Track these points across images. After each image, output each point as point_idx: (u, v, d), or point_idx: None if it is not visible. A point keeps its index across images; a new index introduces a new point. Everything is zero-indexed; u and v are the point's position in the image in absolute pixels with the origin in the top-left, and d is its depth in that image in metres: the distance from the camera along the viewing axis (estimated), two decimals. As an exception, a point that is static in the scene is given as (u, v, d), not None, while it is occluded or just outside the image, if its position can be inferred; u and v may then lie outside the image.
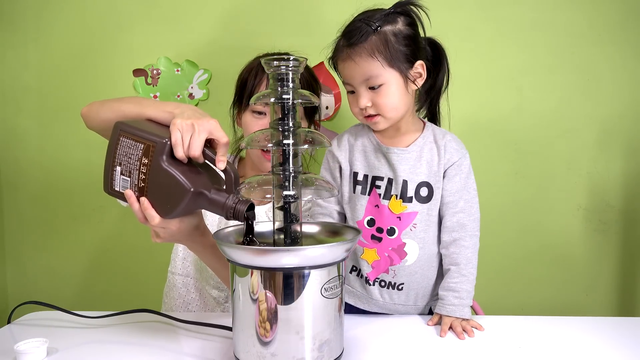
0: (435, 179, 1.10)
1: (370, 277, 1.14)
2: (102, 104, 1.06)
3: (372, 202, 1.12)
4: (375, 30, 1.03)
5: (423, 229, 1.10)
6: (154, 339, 1.00)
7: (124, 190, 0.92)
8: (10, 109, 1.72)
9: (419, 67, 1.08)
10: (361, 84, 1.06)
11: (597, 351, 0.93)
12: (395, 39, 1.04)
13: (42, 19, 1.67)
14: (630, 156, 1.58)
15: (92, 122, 1.07)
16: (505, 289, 1.63)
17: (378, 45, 1.03)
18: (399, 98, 1.06)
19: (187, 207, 0.90)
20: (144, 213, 0.91)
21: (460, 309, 1.05)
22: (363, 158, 1.14)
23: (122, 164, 0.93)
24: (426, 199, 1.10)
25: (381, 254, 1.11)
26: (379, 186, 1.12)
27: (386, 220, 1.11)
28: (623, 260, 1.61)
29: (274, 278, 0.79)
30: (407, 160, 1.10)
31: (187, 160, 0.90)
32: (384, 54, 1.03)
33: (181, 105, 0.97)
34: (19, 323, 1.10)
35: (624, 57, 1.55)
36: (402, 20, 1.06)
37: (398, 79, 1.06)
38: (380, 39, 1.04)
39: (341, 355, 0.86)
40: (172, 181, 0.88)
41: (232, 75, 1.33)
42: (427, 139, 1.12)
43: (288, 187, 0.83)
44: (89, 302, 1.76)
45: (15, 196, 1.75)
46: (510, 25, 1.56)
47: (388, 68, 1.04)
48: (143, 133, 0.91)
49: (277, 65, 0.82)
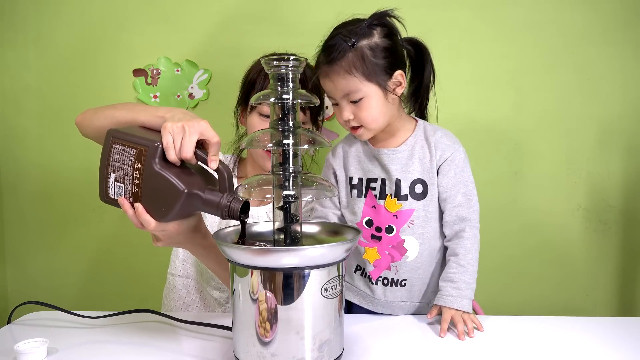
0: (429, 176, 1.12)
1: (373, 275, 1.15)
2: (95, 111, 1.06)
3: (368, 203, 1.14)
4: (351, 47, 1.05)
5: (421, 225, 1.12)
6: (154, 339, 1.00)
7: (118, 198, 0.93)
8: (10, 109, 1.72)
9: (398, 77, 1.09)
10: (342, 98, 1.09)
11: (597, 351, 0.93)
12: (372, 53, 1.06)
13: (42, 19, 1.67)
14: (630, 156, 1.58)
15: (86, 130, 1.07)
16: (505, 289, 1.63)
17: (355, 61, 1.05)
18: (379, 110, 1.08)
19: (182, 208, 0.90)
20: (139, 219, 0.91)
21: (458, 300, 1.04)
22: (357, 163, 1.17)
23: (116, 171, 0.93)
24: (421, 195, 1.11)
25: (382, 252, 1.13)
26: (373, 187, 1.14)
27: (383, 219, 1.12)
28: (623, 260, 1.61)
29: (274, 278, 0.79)
30: (399, 159, 1.12)
31: (179, 162, 0.90)
32: (361, 70, 1.05)
33: (173, 109, 0.97)
34: (19, 323, 1.10)
35: (623, 57, 1.55)
36: (378, 33, 1.07)
37: (377, 91, 1.07)
38: (356, 55, 1.05)
39: (341, 355, 0.86)
40: (166, 184, 0.88)
41: (232, 75, 1.34)
42: (419, 137, 1.14)
43: (288, 187, 0.84)
44: (89, 302, 1.76)
45: (15, 196, 1.75)
46: (510, 25, 1.56)
47: (366, 82, 1.06)
48: (135, 138, 0.92)
49: (277, 65, 0.82)
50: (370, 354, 0.93)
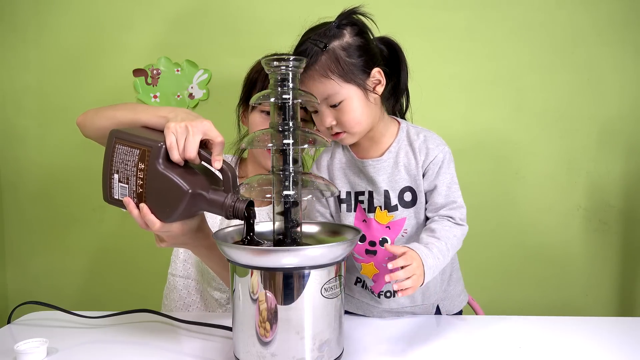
0: (416, 183, 1.07)
1: (375, 289, 1.12)
2: (96, 112, 1.06)
3: (359, 217, 1.10)
4: (323, 49, 1.00)
5: (415, 232, 1.08)
6: (154, 339, 1.00)
7: (122, 198, 0.92)
8: (10, 109, 1.72)
9: (377, 74, 1.04)
10: (321, 103, 1.03)
11: (597, 351, 0.93)
12: (346, 53, 1.01)
13: (42, 19, 1.67)
14: (630, 156, 1.58)
15: (87, 131, 1.07)
16: (505, 289, 1.63)
17: (329, 64, 1.00)
18: (362, 111, 1.03)
19: (187, 209, 0.90)
20: (143, 219, 0.91)
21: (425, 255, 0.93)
22: (343, 176, 1.12)
23: (119, 172, 0.93)
24: (411, 203, 1.08)
25: (379, 266, 1.09)
26: (362, 201, 1.10)
27: (376, 232, 1.09)
28: (623, 260, 1.61)
29: (274, 278, 0.79)
30: (384, 169, 1.08)
31: (183, 162, 0.90)
32: (337, 72, 1.00)
33: (175, 109, 0.97)
34: (19, 323, 1.10)
35: (623, 57, 1.55)
36: (349, 32, 1.03)
37: (357, 92, 1.02)
38: (330, 57, 1.00)
39: (341, 355, 0.86)
40: (170, 184, 0.88)
41: (232, 75, 1.34)
42: (402, 143, 1.09)
43: (288, 187, 0.84)
44: (89, 302, 1.76)
45: (15, 196, 1.75)
46: (510, 25, 1.56)
47: (344, 84, 1.01)
48: (138, 139, 0.91)
49: (277, 65, 0.82)
50: (371, 354, 0.93)
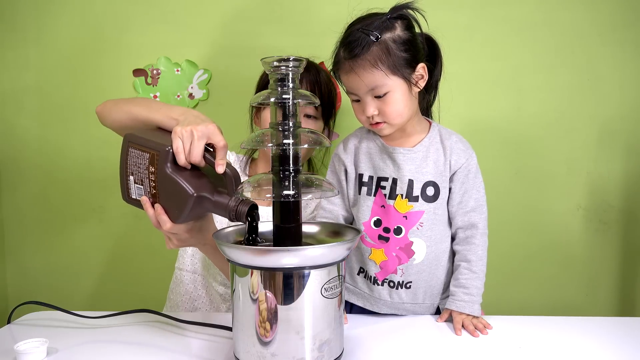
0: (441, 179, 1.11)
1: (379, 277, 1.14)
2: (114, 104, 1.12)
3: (378, 202, 1.13)
4: (375, 40, 1.03)
5: (430, 227, 1.11)
6: (154, 339, 1.00)
7: (140, 197, 0.98)
8: (10, 109, 1.72)
9: (421, 70, 1.08)
10: (366, 93, 1.07)
11: (597, 351, 0.93)
12: (396, 46, 1.04)
13: (42, 19, 1.67)
14: (630, 156, 1.58)
15: (105, 121, 1.14)
16: (505, 289, 1.63)
17: (380, 55, 1.03)
18: (404, 104, 1.07)
19: (193, 211, 0.93)
20: (157, 218, 0.96)
21: (470, 305, 1.06)
22: (368, 160, 1.15)
23: (134, 173, 0.98)
24: (432, 198, 1.11)
25: (389, 254, 1.12)
26: (384, 187, 1.12)
27: (393, 220, 1.11)
28: (623, 260, 1.61)
29: (274, 278, 0.79)
30: (413, 160, 1.11)
31: (190, 166, 0.93)
32: (386, 63, 1.03)
33: (187, 111, 1.01)
34: (19, 323, 1.10)
35: (624, 57, 1.55)
36: (400, 25, 1.06)
37: (402, 85, 1.06)
38: (381, 48, 1.04)
39: (341, 355, 0.86)
40: (177, 187, 0.92)
41: (232, 75, 1.33)
42: (434, 139, 1.13)
43: (288, 186, 0.84)
44: (89, 301, 1.76)
45: (15, 196, 1.75)
46: (510, 25, 1.56)
47: (392, 76, 1.04)
48: (148, 142, 0.96)
49: (277, 65, 0.82)
50: (371, 354, 0.93)
